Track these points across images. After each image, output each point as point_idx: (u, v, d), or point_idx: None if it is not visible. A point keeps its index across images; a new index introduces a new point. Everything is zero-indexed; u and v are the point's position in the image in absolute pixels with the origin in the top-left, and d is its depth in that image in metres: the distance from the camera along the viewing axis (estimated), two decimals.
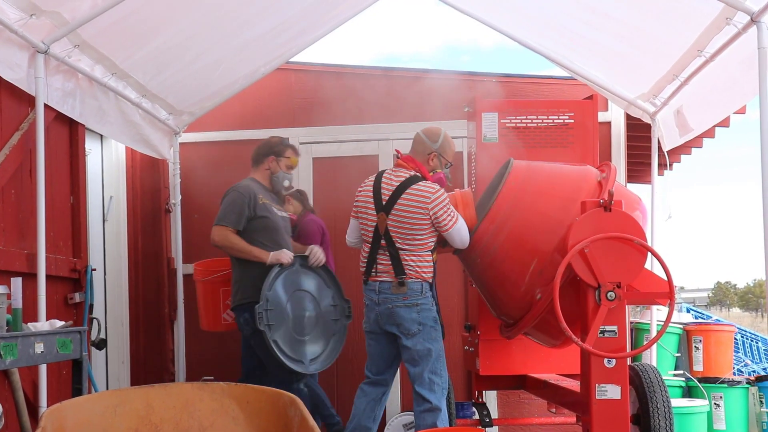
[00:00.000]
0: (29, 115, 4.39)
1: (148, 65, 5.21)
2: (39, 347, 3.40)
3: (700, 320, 8.40)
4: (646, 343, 5.63)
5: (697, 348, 6.62)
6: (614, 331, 3.95)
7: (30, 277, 4.16)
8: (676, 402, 5.41)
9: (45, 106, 4.32)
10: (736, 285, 73.11)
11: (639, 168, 8.25)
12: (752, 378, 6.26)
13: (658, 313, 6.09)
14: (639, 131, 6.55)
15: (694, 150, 7.83)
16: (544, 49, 5.79)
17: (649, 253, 4.00)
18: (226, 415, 3.30)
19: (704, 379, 6.14)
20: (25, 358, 3.34)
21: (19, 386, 4.15)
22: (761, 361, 9.03)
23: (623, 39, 5.23)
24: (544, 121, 5.18)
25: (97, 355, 5.79)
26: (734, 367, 7.53)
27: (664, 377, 4.86)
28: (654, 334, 5.98)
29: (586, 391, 4.03)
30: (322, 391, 5.55)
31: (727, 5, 4.06)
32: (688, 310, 9.40)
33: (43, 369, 4.24)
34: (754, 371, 8.33)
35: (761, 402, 6.00)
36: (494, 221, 4.36)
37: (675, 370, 6.56)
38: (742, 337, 9.12)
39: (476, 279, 4.69)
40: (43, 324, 3.76)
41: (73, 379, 3.76)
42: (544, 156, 4.96)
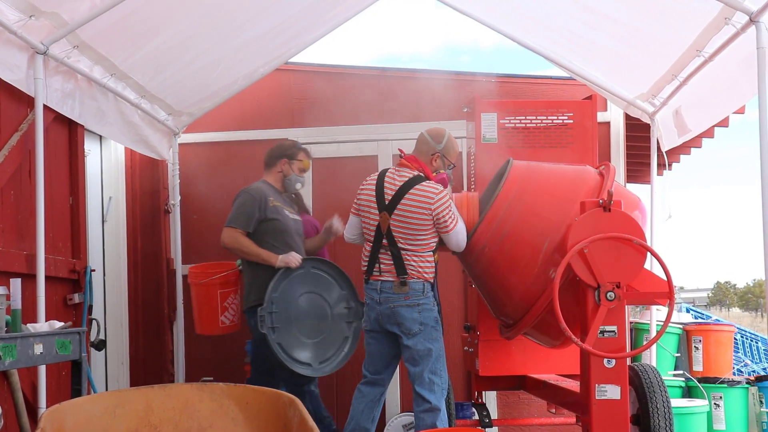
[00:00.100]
0: (28, 116, 4.38)
1: (147, 66, 5.21)
2: (38, 348, 3.40)
3: (700, 320, 8.40)
4: (645, 343, 5.64)
5: (697, 348, 6.61)
6: (614, 332, 3.95)
7: (29, 278, 4.16)
8: (676, 402, 5.41)
9: (44, 106, 4.32)
10: (735, 285, 73.21)
11: (638, 168, 8.24)
12: (752, 378, 6.25)
13: (657, 313, 6.09)
14: (638, 131, 6.55)
15: (693, 150, 7.83)
16: (543, 50, 5.79)
17: (649, 253, 4.00)
18: (225, 416, 3.30)
19: (704, 379, 6.13)
20: (24, 359, 3.34)
21: (18, 387, 4.15)
22: (761, 361, 9.03)
23: (622, 39, 5.23)
24: (543, 122, 5.18)
25: (97, 356, 5.79)
26: (734, 367, 7.52)
27: (664, 377, 4.85)
28: (654, 334, 5.97)
29: (585, 392, 4.03)
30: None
31: (726, 5, 4.06)
32: (688, 310, 9.41)
33: (43, 370, 4.24)
34: (754, 371, 8.33)
35: (761, 402, 5.99)
36: (494, 221, 4.36)
37: (675, 370, 6.55)
38: (742, 337, 9.12)
39: (475, 279, 4.69)
40: (43, 325, 3.76)
41: (73, 380, 3.76)
42: (543, 156, 4.96)
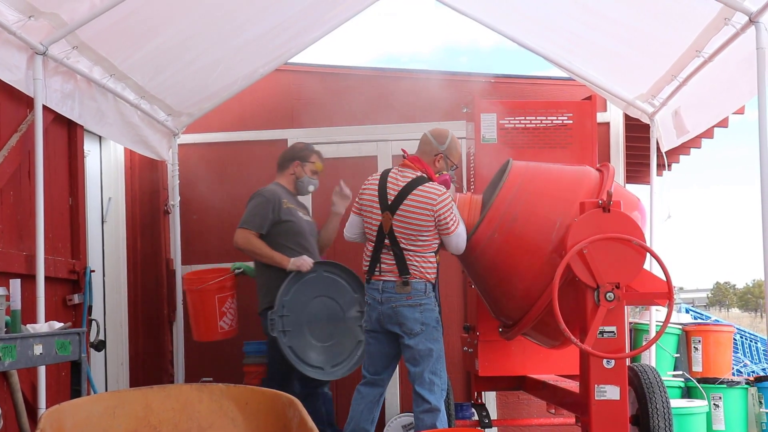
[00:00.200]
0: (28, 117, 4.38)
1: (147, 66, 5.21)
2: (38, 349, 3.40)
3: (699, 321, 8.41)
4: (645, 343, 5.64)
5: (696, 348, 6.61)
6: (613, 332, 3.95)
7: (29, 279, 4.16)
8: (675, 402, 5.41)
9: (43, 107, 4.31)
10: (735, 285, 73.23)
11: (638, 168, 8.24)
12: (751, 378, 6.26)
13: (657, 314, 6.08)
14: (638, 132, 6.55)
15: (692, 150, 7.84)
16: (542, 50, 5.79)
17: (648, 254, 4.00)
18: (225, 417, 3.29)
19: (703, 380, 6.14)
20: (23, 360, 3.33)
21: (17, 388, 4.14)
22: (760, 362, 9.04)
23: (622, 39, 5.23)
24: (543, 122, 5.17)
25: (96, 357, 5.78)
26: (733, 368, 7.53)
27: (663, 378, 4.85)
28: (653, 334, 5.97)
29: (585, 392, 4.03)
30: None
31: (726, 5, 4.06)
32: (687, 311, 9.42)
33: (42, 370, 4.23)
34: (753, 372, 8.33)
35: (760, 402, 5.99)
36: (493, 221, 4.36)
37: (674, 370, 6.55)
38: (741, 338, 9.14)
39: (475, 279, 4.69)
40: (42, 325, 3.75)
41: (72, 380, 3.75)
42: (542, 157, 4.96)
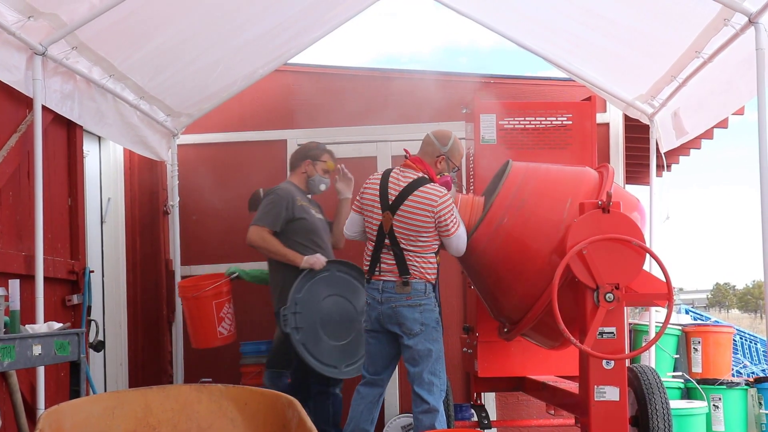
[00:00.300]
0: (27, 117, 4.38)
1: (146, 67, 5.21)
2: (37, 349, 3.40)
3: (699, 321, 8.41)
4: (644, 344, 5.63)
5: (696, 349, 6.61)
6: (613, 333, 3.95)
7: (28, 279, 4.16)
8: (675, 403, 5.41)
9: (43, 107, 4.31)
10: (735, 286, 73.27)
11: (637, 169, 8.24)
12: (751, 379, 6.26)
13: (656, 315, 6.09)
14: (637, 132, 6.55)
15: (692, 151, 7.83)
16: (542, 51, 5.79)
17: (648, 255, 4.00)
18: (224, 417, 3.29)
19: (703, 381, 6.14)
20: (22, 360, 3.33)
21: (16, 388, 4.14)
22: (760, 363, 9.05)
23: (621, 40, 5.23)
24: (543, 123, 5.18)
25: (95, 357, 5.78)
26: (733, 369, 7.52)
27: (663, 379, 4.85)
28: (653, 335, 5.97)
29: (584, 393, 4.02)
30: None
31: (725, 6, 4.06)
32: (687, 312, 9.42)
33: (41, 371, 4.23)
34: (753, 373, 8.33)
35: (760, 403, 5.99)
36: (493, 222, 4.36)
37: (674, 371, 6.55)
38: (741, 339, 9.14)
39: (475, 280, 4.69)
40: (41, 326, 3.75)
41: (71, 381, 3.75)
42: (542, 157, 4.96)
